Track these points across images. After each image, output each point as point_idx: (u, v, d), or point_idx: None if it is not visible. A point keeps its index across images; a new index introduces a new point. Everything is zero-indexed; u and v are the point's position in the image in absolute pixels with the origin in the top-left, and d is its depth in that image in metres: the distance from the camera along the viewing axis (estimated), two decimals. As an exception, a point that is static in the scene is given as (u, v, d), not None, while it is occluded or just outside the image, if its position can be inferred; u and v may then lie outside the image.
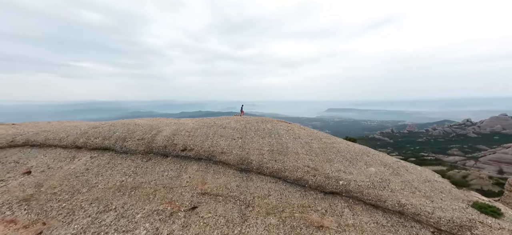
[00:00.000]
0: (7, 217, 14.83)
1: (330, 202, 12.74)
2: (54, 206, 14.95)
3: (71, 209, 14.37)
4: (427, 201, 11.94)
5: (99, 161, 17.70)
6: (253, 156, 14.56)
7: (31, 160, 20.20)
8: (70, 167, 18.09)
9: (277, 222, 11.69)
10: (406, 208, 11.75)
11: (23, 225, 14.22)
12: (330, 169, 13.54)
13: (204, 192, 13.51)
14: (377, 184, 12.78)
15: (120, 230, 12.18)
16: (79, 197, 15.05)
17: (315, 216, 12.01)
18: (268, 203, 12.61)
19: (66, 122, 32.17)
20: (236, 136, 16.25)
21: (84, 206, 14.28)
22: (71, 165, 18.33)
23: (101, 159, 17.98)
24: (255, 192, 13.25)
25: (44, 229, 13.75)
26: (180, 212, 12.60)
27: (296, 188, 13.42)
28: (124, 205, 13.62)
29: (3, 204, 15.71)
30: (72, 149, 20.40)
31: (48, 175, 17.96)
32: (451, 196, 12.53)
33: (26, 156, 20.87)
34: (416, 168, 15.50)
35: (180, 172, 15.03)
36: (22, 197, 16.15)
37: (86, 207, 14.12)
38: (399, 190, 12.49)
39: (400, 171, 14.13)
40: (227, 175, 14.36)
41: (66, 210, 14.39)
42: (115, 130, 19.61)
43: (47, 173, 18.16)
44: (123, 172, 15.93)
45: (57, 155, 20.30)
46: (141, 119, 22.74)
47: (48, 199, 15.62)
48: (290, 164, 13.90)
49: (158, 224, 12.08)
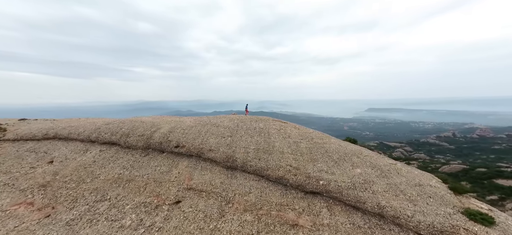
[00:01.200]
0: (28, 200, 16.30)
1: (309, 202, 12.36)
2: (63, 193, 16.08)
3: (75, 197, 15.36)
4: (410, 204, 11.15)
5: (105, 155, 18.70)
6: (238, 154, 14.52)
7: (55, 151, 21.83)
8: (82, 159, 19.29)
9: (252, 219, 11.58)
10: (385, 210, 11.08)
11: (37, 207, 15.52)
12: (312, 169, 13.11)
13: (189, 187, 13.74)
14: (358, 185, 12.17)
15: (109, 219, 12.80)
16: (83, 186, 16.03)
17: (292, 215, 11.72)
18: (247, 200, 12.52)
19: (90, 118, 34.38)
20: (226, 135, 16.30)
21: (85, 194, 15.19)
22: (83, 157, 19.55)
23: (107, 153, 18.99)
24: (237, 189, 13.22)
25: (51, 213, 14.89)
26: (165, 205, 12.94)
27: (278, 187, 13.17)
28: (118, 196, 14.27)
29: (28, 188, 17.28)
30: (87, 143, 21.73)
31: (64, 165, 19.32)
32: (440, 201, 11.57)
33: (53, 148, 22.58)
34: (412, 171, 14.47)
35: (171, 168, 15.43)
36: (41, 183, 17.59)
37: (87, 196, 15.01)
38: (381, 192, 11.79)
39: (389, 174, 13.31)
40: (213, 172, 14.48)
41: (71, 198, 15.42)
42: (122, 126, 20.59)
43: (64, 163, 19.54)
44: (122, 166, 16.70)
45: (74, 147, 21.74)
46: (148, 117, 23.63)
47: (59, 186, 16.82)
48: (273, 163, 13.67)
49: (143, 216, 12.51)
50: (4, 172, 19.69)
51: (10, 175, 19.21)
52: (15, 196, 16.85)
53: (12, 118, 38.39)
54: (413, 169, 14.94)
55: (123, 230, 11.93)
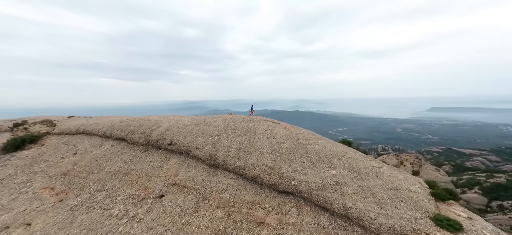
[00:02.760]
0: (52, 185, 18.09)
1: (280, 201, 12.19)
2: (75, 181, 17.57)
3: (83, 185, 16.71)
4: (376, 207, 10.55)
5: (114, 149, 20.02)
6: (220, 153, 14.69)
7: (80, 145, 23.78)
8: (96, 152, 20.83)
9: (223, 215, 11.72)
10: (350, 212, 10.61)
11: (56, 192, 17.15)
12: (286, 169, 12.88)
13: (174, 183, 14.24)
14: (328, 187, 11.74)
15: (102, 207, 13.76)
16: (91, 176, 17.36)
17: (261, 213, 11.66)
18: (222, 197, 12.67)
19: (111, 116, 36.89)
20: (214, 134, 16.54)
21: (90, 184, 16.46)
22: (97, 151, 21.11)
23: (116, 147, 20.30)
24: (215, 186, 13.42)
25: (64, 198, 16.36)
26: (150, 198, 13.58)
27: (253, 186, 13.15)
28: (114, 187, 15.26)
29: (55, 175, 19.18)
30: (103, 138, 23.37)
31: (82, 157, 21.01)
32: (412, 206, 10.80)
33: (80, 141, 24.62)
34: (397, 176, 13.55)
35: (162, 163, 16.09)
36: (63, 171, 19.36)
37: (91, 185, 16.26)
38: (350, 194, 11.27)
39: (366, 176, 12.65)
40: (197, 169, 14.83)
41: (80, 186, 16.80)
42: (131, 124, 21.83)
43: (82, 155, 21.25)
44: (124, 160, 17.78)
45: (94, 142, 23.48)
46: (156, 115, 24.75)
47: (74, 175, 18.39)
48: (251, 162, 13.64)
49: (129, 207, 13.26)
50: (44, 160, 21.95)
51: (47, 163, 21.38)
52: (45, 181, 18.78)
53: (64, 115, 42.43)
54: (399, 174, 13.96)
55: (110, 218, 12.78)
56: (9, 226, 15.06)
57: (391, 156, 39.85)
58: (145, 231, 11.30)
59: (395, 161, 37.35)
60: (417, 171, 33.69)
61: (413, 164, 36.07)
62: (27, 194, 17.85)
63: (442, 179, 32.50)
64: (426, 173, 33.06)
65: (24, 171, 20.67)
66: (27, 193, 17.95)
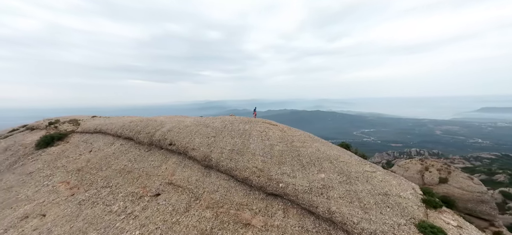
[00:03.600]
0: (67, 180, 19.17)
1: (268, 203, 12.14)
2: (86, 177, 18.51)
3: (92, 182, 17.56)
4: (360, 211, 10.23)
5: (122, 148, 20.85)
6: (214, 154, 14.84)
7: (95, 143, 24.96)
8: (107, 151, 21.80)
9: (211, 215, 11.87)
10: (334, 216, 10.39)
11: (70, 187, 18.15)
12: (275, 172, 12.79)
13: (170, 182, 14.60)
14: (315, 190, 11.53)
15: (105, 203, 14.41)
16: (100, 173, 18.22)
17: (247, 215, 11.69)
18: (212, 198, 12.82)
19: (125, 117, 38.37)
20: (211, 135, 16.72)
21: (98, 180, 17.27)
22: (108, 149, 22.08)
23: (124, 146, 21.13)
24: (207, 187, 13.60)
25: (76, 192, 17.28)
26: (147, 196, 14.03)
27: (243, 187, 13.19)
28: (117, 184, 15.92)
29: (71, 171, 20.32)
30: (115, 137, 24.37)
31: (95, 154, 22.07)
32: (398, 212, 10.38)
33: (96, 140, 25.85)
34: (390, 181, 13.02)
35: (162, 163, 16.54)
36: (78, 167, 20.43)
37: (98, 182, 17.06)
38: (336, 198, 11.01)
39: (356, 181, 12.29)
40: (193, 169, 15.09)
41: (90, 182, 17.67)
42: (139, 124, 22.61)
43: (96, 153, 22.32)
44: (129, 158, 18.47)
45: (107, 140, 24.55)
46: (162, 116, 25.42)
47: (87, 171, 19.36)
48: (242, 164, 13.67)
49: (127, 204, 13.78)
50: (66, 156, 23.32)
51: (67, 159, 22.70)
52: (63, 176, 19.95)
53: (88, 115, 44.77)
54: (393, 179, 13.40)
55: (110, 214, 13.37)
56: (28, 216, 16.19)
57: (414, 161, 35.93)
58: (138, 228, 11.71)
59: (418, 167, 33.57)
60: (444, 178, 30.20)
61: (440, 170, 31.61)
62: (48, 187, 19.06)
63: (476, 189, 28.15)
64: (456, 182, 29.61)
65: (49, 166, 22.07)
66: (47, 186, 19.17)
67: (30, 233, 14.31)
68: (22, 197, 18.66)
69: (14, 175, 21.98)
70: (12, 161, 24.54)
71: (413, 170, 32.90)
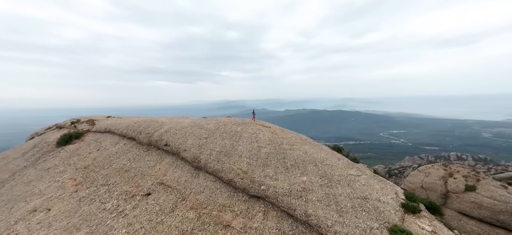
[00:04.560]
0: (75, 176, 19.89)
1: (250, 205, 12.07)
2: (90, 175, 19.13)
3: (94, 179, 18.15)
4: (335, 215, 10.00)
5: (124, 148, 21.39)
6: (203, 155, 14.90)
7: (103, 142, 25.72)
8: (111, 150, 22.44)
9: (193, 216, 11.94)
10: (310, 218, 10.21)
11: (75, 183, 18.84)
12: (258, 174, 12.68)
13: (161, 182, 14.81)
14: (295, 193, 11.33)
15: (101, 200, 14.86)
16: (101, 171, 18.79)
17: (229, 216, 11.66)
18: (198, 199, 12.89)
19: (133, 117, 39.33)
20: (203, 137, 16.79)
21: (99, 178, 17.83)
22: (112, 148, 22.72)
23: (127, 146, 21.66)
24: (194, 188, 13.69)
25: (79, 189, 17.90)
26: (138, 195, 14.32)
27: (228, 189, 13.16)
28: (114, 183, 16.36)
29: (79, 168, 21.06)
30: (120, 137, 25.01)
31: (101, 153, 22.77)
32: (373, 216, 10.08)
33: (104, 139, 26.61)
34: (373, 185, 12.55)
35: (156, 163, 16.82)
36: (85, 165, 21.16)
37: (99, 179, 17.60)
38: (314, 201, 10.78)
39: (337, 184, 11.99)
40: (183, 170, 15.23)
41: (92, 179, 18.26)
42: (141, 125, 23.08)
43: (101, 152, 23.03)
44: (128, 158, 18.92)
45: (113, 140, 25.24)
46: (164, 117, 25.82)
47: (91, 169, 20.02)
48: (228, 165, 13.64)
49: (120, 202, 14.12)
50: (78, 154, 24.23)
51: (79, 157, 23.58)
52: (72, 172, 20.76)
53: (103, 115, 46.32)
54: (377, 184, 12.90)
55: (104, 212, 13.77)
56: (37, 209, 16.96)
57: (436, 166, 31.58)
58: (125, 227, 11.97)
59: (441, 172, 29.32)
60: (472, 186, 26.35)
61: (467, 177, 27.48)
62: (58, 182, 19.88)
63: (510, 198, 24.57)
64: (485, 190, 25.74)
65: (63, 163, 23.00)
66: (58, 182, 19.99)
67: (34, 226, 15.00)
68: (36, 191, 19.60)
69: (35, 170, 23.12)
70: (37, 157, 25.79)
71: (434, 176, 29.68)
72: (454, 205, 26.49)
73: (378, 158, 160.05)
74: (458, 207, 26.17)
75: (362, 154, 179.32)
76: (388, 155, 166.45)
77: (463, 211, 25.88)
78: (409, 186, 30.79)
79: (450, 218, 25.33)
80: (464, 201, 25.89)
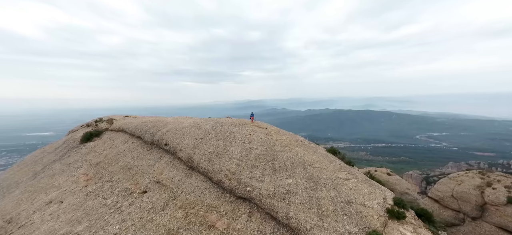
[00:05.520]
0: (87, 172, 20.83)
1: (235, 206, 12.00)
2: (100, 171, 19.96)
3: (102, 175, 18.92)
4: (315, 218, 9.76)
5: (131, 146, 22.11)
6: (196, 155, 15.01)
7: (116, 140, 26.73)
8: (120, 148, 23.29)
9: (181, 215, 12.07)
10: (291, 221, 10.02)
11: (86, 178, 19.71)
12: (245, 176, 12.57)
13: (158, 180, 15.13)
14: (278, 195, 11.11)
15: (103, 196, 15.47)
16: (108, 168, 19.56)
17: (214, 217, 11.66)
18: (187, 198, 13.02)
19: (145, 117, 40.57)
20: (199, 137, 16.91)
21: (105, 174, 18.56)
22: (122, 146, 23.59)
23: (134, 145, 22.37)
24: (186, 187, 13.84)
25: (88, 184, 18.75)
26: (135, 193, 14.73)
27: (217, 189, 13.17)
28: (117, 179, 16.96)
29: (92, 164, 22.01)
30: (130, 136, 25.87)
31: (112, 151, 23.69)
32: (355, 220, 9.72)
33: (117, 137, 27.58)
34: (361, 189, 11.97)
35: (156, 162, 17.20)
36: (97, 162, 22.10)
37: (105, 176, 18.34)
38: (297, 204, 10.55)
39: (322, 187, 11.62)
40: (178, 170, 15.44)
41: (100, 175, 19.05)
42: (148, 124, 23.75)
43: (112, 149, 23.97)
44: (132, 156, 19.54)
45: (123, 138, 26.18)
46: (169, 117, 26.35)
47: (101, 166, 20.88)
48: (218, 166, 13.64)
49: (119, 199, 14.62)
50: (94, 151, 25.42)
51: (94, 153, 24.76)
52: (86, 168, 21.82)
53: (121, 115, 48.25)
54: (365, 188, 12.25)
55: (104, 207, 14.33)
56: (52, 201, 17.99)
57: (471, 173, 28.05)
58: (119, 223, 12.38)
59: (477, 181, 25.60)
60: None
61: (510, 188, 24.00)
62: (74, 177, 21.00)
63: None
64: None
65: (82, 158, 24.24)
66: (74, 176, 21.11)
67: (47, 217, 15.96)
68: (56, 184, 20.82)
69: (60, 164, 24.56)
70: (64, 152, 27.34)
71: (468, 185, 25.54)
72: (492, 219, 22.96)
73: (413, 163, 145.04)
74: (498, 221, 22.58)
75: (394, 158, 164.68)
76: (427, 160, 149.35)
77: (504, 226, 22.25)
78: (437, 194, 27.29)
79: (487, 232, 22.70)
80: (505, 215, 22.24)
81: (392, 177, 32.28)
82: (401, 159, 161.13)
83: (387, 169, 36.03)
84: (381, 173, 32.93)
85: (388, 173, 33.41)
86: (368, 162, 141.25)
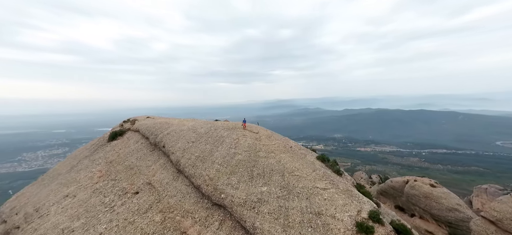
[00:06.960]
0: (102, 169, 22.07)
1: (210, 213, 11.88)
2: (110, 169, 21.05)
3: (110, 173, 19.96)
4: (280, 229, 9.61)
5: (139, 147, 23.09)
6: (183, 159, 15.15)
7: (130, 140, 28.03)
8: (131, 148, 24.40)
9: (159, 219, 12.26)
10: (256, 231, 9.74)
11: (101, 174, 20.85)
12: (222, 182, 12.36)
13: (149, 182, 15.59)
14: (249, 203, 10.78)
15: (104, 194, 16.33)
16: (117, 167, 20.58)
17: (188, 223, 11.68)
18: (169, 202, 13.21)
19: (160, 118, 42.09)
20: (191, 140, 17.06)
21: (113, 173, 19.55)
22: (133, 147, 24.70)
23: (142, 145, 23.28)
24: (170, 191, 14.03)
25: (98, 180, 19.94)
26: (129, 193, 15.33)
27: (197, 194, 13.16)
28: (120, 178, 17.80)
29: (107, 162, 23.16)
30: (142, 137, 26.99)
31: (124, 150, 24.89)
32: (320, 233, 9.25)
33: (132, 137, 28.37)
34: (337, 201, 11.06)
35: (153, 163, 17.73)
36: (111, 160, 23.30)
37: (112, 173, 19.34)
38: (265, 213, 10.21)
39: (295, 197, 11.02)
40: (168, 172, 15.74)
41: (109, 173, 20.06)
42: (156, 126, 24.58)
43: (125, 149, 25.20)
44: (136, 157, 20.40)
45: (137, 138, 27.30)
46: (176, 119, 27.06)
47: (113, 164, 21.95)
48: (200, 171, 13.62)
49: (115, 198, 15.34)
50: (114, 149, 26.72)
51: (113, 151, 26.19)
52: (103, 165, 23.19)
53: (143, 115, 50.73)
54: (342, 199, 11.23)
55: (101, 205, 15.14)
56: (68, 195, 19.41)
57: None
58: (107, 222, 12.96)
59: None
60: None
61: None
62: (91, 173, 22.47)
63: None
64: None
65: (103, 156, 25.77)
66: (91, 172, 22.60)
67: (59, 210, 17.31)
68: (77, 178, 22.42)
69: (87, 160, 26.31)
70: (94, 149, 29.16)
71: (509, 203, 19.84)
72: None
73: (490, 174, 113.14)
74: None
75: (461, 167, 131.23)
76: (510, 172, 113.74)
77: None
78: (493, 214, 20.52)
79: None
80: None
81: (437, 189, 28.34)
82: (471, 169, 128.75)
83: (431, 179, 31.37)
84: (423, 184, 29.59)
85: (432, 184, 29.33)
86: (422, 170, 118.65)
